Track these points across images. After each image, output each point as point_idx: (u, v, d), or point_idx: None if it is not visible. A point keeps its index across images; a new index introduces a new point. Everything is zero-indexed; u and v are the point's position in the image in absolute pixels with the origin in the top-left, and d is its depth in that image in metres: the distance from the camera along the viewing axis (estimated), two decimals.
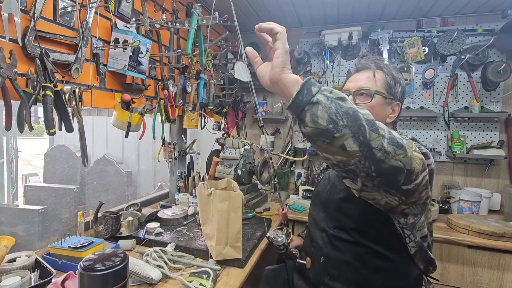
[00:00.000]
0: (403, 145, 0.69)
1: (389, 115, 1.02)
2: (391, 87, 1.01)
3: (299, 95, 0.69)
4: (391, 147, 0.67)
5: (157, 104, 1.52)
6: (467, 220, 1.67)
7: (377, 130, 0.67)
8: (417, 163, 0.72)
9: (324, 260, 1.03)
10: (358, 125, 0.66)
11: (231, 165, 1.88)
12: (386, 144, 0.67)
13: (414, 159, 0.71)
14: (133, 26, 1.36)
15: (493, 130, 2.11)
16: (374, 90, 0.98)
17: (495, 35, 2.01)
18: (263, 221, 1.63)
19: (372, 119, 0.69)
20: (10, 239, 0.93)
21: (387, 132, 0.69)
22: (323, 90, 0.69)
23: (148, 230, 1.38)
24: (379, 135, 0.67)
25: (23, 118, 0.92)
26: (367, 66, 1.04)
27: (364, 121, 0.66)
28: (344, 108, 0.67)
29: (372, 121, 0.68)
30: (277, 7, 2.13)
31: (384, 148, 0.66)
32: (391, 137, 0.68)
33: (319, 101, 0.67)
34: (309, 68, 2.44)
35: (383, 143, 0.66)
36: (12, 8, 0.89)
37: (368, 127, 0.66)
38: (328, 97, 0.68)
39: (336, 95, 0.69)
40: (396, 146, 0.68)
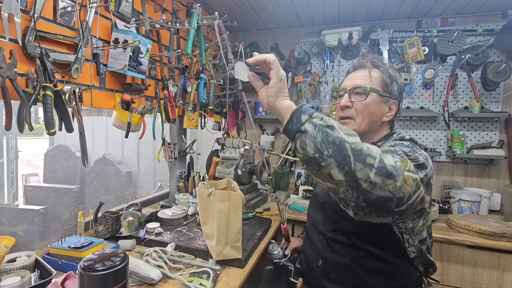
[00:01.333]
0: (394, 174, 0.68)
1: (386, 114, 1.01)
2: (388, 85, 1.00)
3: (289, 124, 0.73)
4: (378, 177, 0.67)
5: (157, 104, 1.52)
6: (467, 220, 1.67)
7: (364, 160, 0.67)
8: (409, 185, 0.70)
9: (323, 263, 1.02)
10: (343, 155, 0.67)
11: (231, 165, 1.88)
12: (373, 175, 0.66)
13: (406, 183, 0.69)
14: (133, 26, 1.36)
15: (493, 130, 2.11)
16: (369, 88, 0.98)
17: (495, 35, 2.01)
18: (263, 221, 1.63)
19: (360, 148, 0.68)
20: (10, 239, 0.93)
21: (378, 161, 0.68)
22: (313, 118, 0.71)
23: (148, 230, 1.38)
24: (365, 166, 0.67)
25: (23, 118, 0.92)
26: (364, 65, 1.04)
27: (349, 151, 0.67)
28: (331, 137, 0.69)
29: (359, 150, 0.68)
30: (277, 7, 2.13)
31: (370, 179, 0.66)
32: (381, 166, 0.67)
33: (306, 130, 0.70)
34: (309, 68, 2.44)
35: (370, 173, 0.66)
36: (12, 8, 0.89)
37: (354, 157, 0.67)
38: (316, 126, 0.70)
39: (325, 123, 0.70)
40: (385, 176, 0.67)
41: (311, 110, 0.74)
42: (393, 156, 0.73)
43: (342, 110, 1.02)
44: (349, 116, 1.00)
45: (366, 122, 0.99)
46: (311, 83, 2.41)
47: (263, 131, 2.64)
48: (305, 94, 2.47)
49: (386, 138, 1.02)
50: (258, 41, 2.64)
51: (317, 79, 2.39)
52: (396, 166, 0.69)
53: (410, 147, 0.84)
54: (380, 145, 0.96)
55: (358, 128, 0.99)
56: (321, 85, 2.46)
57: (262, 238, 1.45)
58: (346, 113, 1.01)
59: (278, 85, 0.77)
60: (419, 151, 0.84)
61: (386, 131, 1.05)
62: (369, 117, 0.99)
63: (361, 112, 0.99)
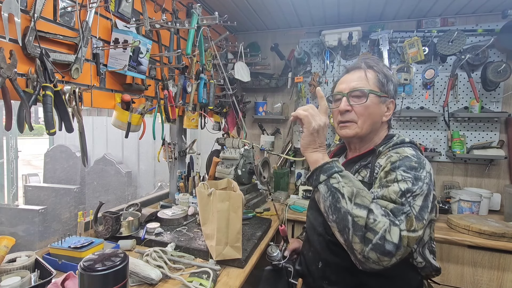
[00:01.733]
0: (392, 252, 0.71)
1: (385, 114, 1.01)
2: (384, 85, 0.99)
3: (309, 178, 0.86)
4: (374, 254, 0.72)
5: (157, 104, 1.52)
6: (467, 220, 1.67)
7: (362, 235, 0.73)
8: (410, 247, 0.75)
9: (323, 265, 1.01)
10: (344, 225, 0.76)
11: (231, 165, 1.88)
12: (368, 250, 0.72)
13: (407, 246, 0.73)
14: (133, 26, 1.36)
15: (493, 130, 2.11)
16: (368, 90, 0.97)
17: (495, 35, 2.01)
18: (263, 221, 1.63)
19: (362, 224, 0.73)
20: (10, 239, 0.93)
21: (378, 237, 0.72)
22: (332, 178, 0.80)
23: (148, 230, 1.38)
24: (361, 242, 0.73)
25: (23, 118, 0.92)
26: (358, 66, 1.03)
27: (350, 224, 0.75)
28: (338, 205, 0.77)
29: (360, 226, 0.73)
30: (277, 7, 2.13)
31: (364, 254, 0.73)
32: (379, 244, 0.71)
33: (320, 191, 0.82)
34: (309, 68, 2.44)
35: (365, 249, 0.72)
36: (12, 8, 0.89)
37: (353, 230, 0.74)
38: (330, 189, 0.80)
39: (339, 188, 0.79)
40: (381, 254, 0.72)
41: (332, 170, 0.81)
42: (399, 219, 0.75)
43: (342, 114, 1.00)
44: (349, 120, 0.99)
45: (367, 124, 0.98)
46: (311, 83, 2.41)
47: (263, 131, 2.64)
48: (305, 94, 2.47)
49: (386, 140, 1.00)
50: (258, 41, 2.64)
51: (317, 79, 2.39)
52: (398, 244, 0.72)
53: (414, 169, 0.83)
54: (381, 150, 0.96)
55: (360, 130, 0.98)
56: (321, 85, 2.46)
57: (262, 238, 1.45)
58: (347, 117, 1.00)
59: (308, 138, 0.86)
60: (422, 170, 0.83)
61: (385, 131, 1.05)
62: (370, 119, 0.98)
63: (362, 115, 0.97)
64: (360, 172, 0.97)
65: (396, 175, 0.83)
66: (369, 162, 0.97)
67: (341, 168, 0.83)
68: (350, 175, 0.83)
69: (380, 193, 0.82)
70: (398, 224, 0.74)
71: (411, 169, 0.83)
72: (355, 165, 1.01)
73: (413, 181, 0.81)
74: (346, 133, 1.01)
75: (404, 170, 0.83)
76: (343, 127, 1.01)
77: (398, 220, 0.75)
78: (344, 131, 1.01)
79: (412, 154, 0.88)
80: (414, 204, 0.78)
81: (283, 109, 2.58)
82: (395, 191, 0.80)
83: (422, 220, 0.77)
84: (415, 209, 0.78)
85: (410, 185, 0.80)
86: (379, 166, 0.91)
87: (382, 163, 0.91)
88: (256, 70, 2.46)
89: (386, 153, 0.93)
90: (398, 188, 0.80)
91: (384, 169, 0.87)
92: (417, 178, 0.82)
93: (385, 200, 0.80)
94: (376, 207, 0.77)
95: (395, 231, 0.73)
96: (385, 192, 0.81)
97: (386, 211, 0.77)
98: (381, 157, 0.94)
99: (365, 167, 0.97)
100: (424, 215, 0.78)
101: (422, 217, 0.78)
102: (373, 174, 0.92)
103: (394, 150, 0.92)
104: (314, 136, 0.84)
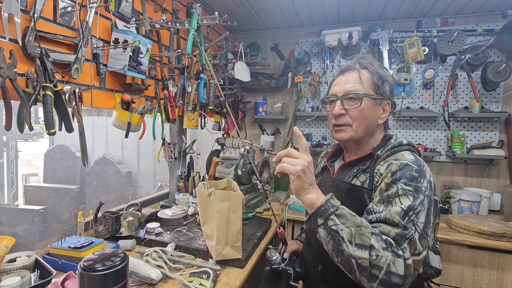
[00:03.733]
0: (399, 284, 0.72)
1: (380, 116, 0.99)
2: (379, 87, 0.96)
3: (307, 222, 0.85)
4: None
5: (157, 104, 1.52)
6: (467, 220, 1.67)
7: (368, 276, 0.74)
8: (417, 270, 0.76)
9: (322, 268, 1.01)
10: (349, 267, 0.77)
11: (231, 165, 1.88)
12: (376, 286, 0.73)
13: (414, 271, 0.75)
14: (133, 26, 1.36)
15: (493, 130, 2.11)
16: (362, 94, 0.94)
17: (495, 35, 2.01)
18: (263, 221, 1.63)
19: (366, 265, 0.73)
20: (10, 239, 0.93)
21: (383, 273, 0.72)
22: (329, 220, 0.79)
23: (148, 230, 1.38)
24: (368, 281, 0.74)
25: (23, 118, 0.92)
26: (352, 67, 1.00)
27: (355, 266, 0.75)
28: (340, 247, 0.77)
29: (365, 267, 0.74)
30: (277, 7, 2.13)
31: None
32: (385, 279, 0.72)
33: (320, 234, 0.82)
34: (309, 68, 2.44)
35: (373, 285, 0.73)
36: (12, 8, 0.89)
37: (359, 272, 0.75)
38: (329, 232, 0.79)
39: (338, 231, 0.78)
40: (390, 287, 0.73)
41: (329, 212, 0.80)
42: (402, 248, 0.75)
43: (336, 118, 0.99)
44: (344, 123, 0.97)
45: (362, 128, 0.96)
46: (311, 83, 2.41)
47: (263, 131, 2.64)
48: (305, 94, 2.47)
49: (383, 143, 0.99)
50: (258, 41, 2.64)
51: (317, 79, 2.39)
52: (404, 274, 0.73)
53: (415, 180, 0.82)
54: (380, 154, 0.94)
55: (355, 134, 0.97)
56: (321, 85, 2.46)
57: (262, 238, 1.45)
58: (341, 121, 0.98)
59: (296, 182, 0.83)
60: (423, 180, 0.83)
61: (381, 133, 1.03)
62: (365, 122, 0.96)
63: (357, 119, 0.95)
64: (359, 177, 0.96)
65: (397, 189, 0.82)
66: (367, 166, 0.95)
67: (336, 206, 0.81)
68: (345, 212, 0.81)
69: (382, 215, 0.81)
70: (402, 254, 0.74)
71: (412, 180, 0.82)
72: (353, 169, 1.00)
73: (414, 195, 0.80)
74: (341, 137, 0.99)
75: (405, 183, 0.82)
76: (338, 130, 1.00)
77: (402, 249, 0.75)
78: (339, 134, 1.00)
79: (412, 160, 0.86)
80: (418, 222, 0.78)
81: (283, 109, 2.58)
82: (398, 212, 0.78)
83: (426, 238, 0.77)
84: (419, 227, 0.77)
85: (411, 200, 0.79)
86: (379, 174, 0.89)
87: (382, 171, 0.89)
88: (256, 70, 2.46)
89: (385, 159, 0.92)
90: (399, 208, 0.79)
91: (384, 180, 0.86)
92: (418, 190, 0.81)
93: (388, 225, 0.79)
94: (376, 240, 0.75)
95: (400, 263, 0.73)
96: (387, 215, 0.80)
97: (388, 241, 0.76)
98: (381, 163, 0.92)
99: (364, 171, 0.96)
100: (428, 231, 0.78)
101: (426, 234, 0.78)
102: (373, 181, 0.91)
103: (394, 156, 0.90)
104: (302, 178, 0.82)
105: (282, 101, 2.59)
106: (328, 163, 1.14)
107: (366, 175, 0.94)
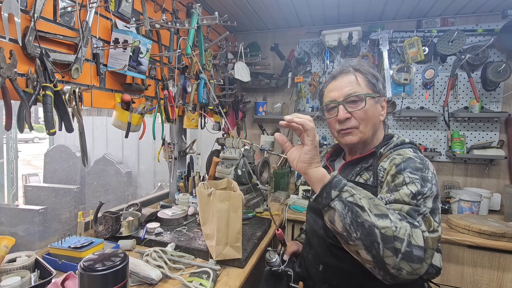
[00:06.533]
0: (421, 257, 0.68)
1: (381, 113, 1.00)
2: (375, 85, 0.97)
3: (318, 197, 0.77)
4: (406, 264, 0.67)
5: (157, 104, 1.52)
6: (467, 220, 1.67)
7: (393, 247, 0.68)
8: (433, 248, 0.71)
9: (323, 268, 1.00)
10: (371, 241, 0.69)
11: (231, 165, 1.88)
12: (399, 261, 0.67)
13: (432, 249, 0.71)
14: (133, 26, 1.36)
15: (493, 130, 2.11)
16: (364, 94, 0.94)
17: (495, 35, 2.01)
18: (263, 221, 1.63)
19: (391, 235, 0.68)
20: (10, 239, 0.93)
21: (405, 245, 0.68)
22: (344, 192, 0.73)
23: (148, 230, 1.38)
24: (393, 254, 0.67)
25: (23, 118, 0.92)
26: (345, 71, 1.00)
27: (379, 238, 0.68)
28: (361, 219, 0.70)
29: (389, 237, 0.68)
30: (277, 7, 2.13)
31: (398, 266, 0.68)
32: (408, 251, 0.67)
33: (335, 208, 0.73)
34: (309, 68, 2.44)
35: (397, 260, 0.67)
36: (12, 8, 0.89)
37: (383, 244, 0.68)
38: (346, 205, 0.72)
39: (355, 201, 0.72)
40: (412, 262, 0.68)
41: (342, 183, 0.75)
42: (418, 221, 0.73)
43: (342, 122, 0.96)
44: (351, 126, 0.96)
45: (369, 128, 0.96)
46: (311, 83, 2.41)
47: (263, 131, 2.64)
48: (305, 94, 2.47)
49: (385, 141, 0.99)
50: (258, 41, 2.64)
51: (317, 79, 2.39)
52: (425, 246, 0.69)
53: (420, 170, 0.81)
54: (382, 152, 0.95)
55: (364, 135, 0.95)
56: (321, 85, 2.45)
57: (262, 238, 1.45)
58: (348, 125, 0.96)
59: (312, 152, 0.77)
60: (427, 171, 0.82)
61: (382, 131, 1.03)
62: (371, 122, 0.96)
63: (363, 120, 0.95)
64: (362, 175, 0.96)
65: (404, 178, 0.81)
66: (370, 164, 0.95)
67: (345, 180, 0.79)
68: (355, 186, 0.79)
69: (391, 197, 0.81)
70: (419, 226, 0.72)
71: (417, 170, 0.82)
72: (356, 167, 0.99)
73: (422, 183, 0.79)
74: (351, 140, 0.97)
75: (410, 172, 0.82)
76: (346, 134, 0.97)
77: (418, 221, 0.73)
78: (348, 137, 0.97)
79: (414, 155, 0.87)
80: (426, 206, 0.77)
81: (283, 109, 2.58)
82: (407, 194, 0.78)
83: (439, 223, 0.77)
84: (427, 210, 0.77)
85: (419, 187, 0.79)
86: (383, 170, 0.89)
87: (386, 166, 0.89)
88: (256, 70, 2.46)
89: (388, 156, 0.92)
90: (408, 190, 0.78)
91: (389, 173, 0.86)
92: (425, 179, 0.80)
93: (399, 203, 0.78)
94: (391, 213, 0.73)
95: (418, 233, 0.71)
96: (397, 196, 0.79)
97: (402, 214, 0.75)
98: (384, 160, 0.92)
99: (367, 169, 0.95)
100: (435, 217, 0.78)
101: (434, 219, 0.77)
102: (377, 177, 0.90)
103: (396, 152, 0.91)
104: (317, 149, 0.78)
105: (282, 101, 2.59)
106: (328, 163, 1.14)
107: (370, 173, 0.94)
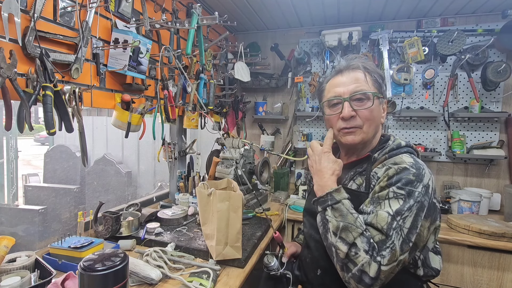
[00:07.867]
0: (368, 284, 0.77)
1: (382, 115, 0.97)
2: (381, 86, 0.94)
3: (313, 203, 0.95)
4: (353, 281, 0.80)
5: (157, 104, 1.52)
6: (467, 220, 1.67)
7: (343, 265, 0.82)
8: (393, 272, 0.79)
9: (322, 273, 0.99)
10: (330, 253, 0.86)
11: (231, 165, 1.88)
12: (348, 278, 0.81)
13: (382, 281, 0.77)
14: (133, 26, 1.36)
15: (493, 130, 2.11)
16: (373, 93, 0.90)
17: (495, 35, 2.01)
18: (263, 221, 1.63)
19: (343, 257, 0.81)
20: (10, 239, 0.93)
21: (356, 269, 0.78)
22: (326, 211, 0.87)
23: (148, 230, 1.38)
24: (342, 270, 0.82)
25: (23, 118, 0.92)
26: (353, 66, 0.95)
27: (334, 253, 0.84)
28: (327, 235, 0.87)
29: (341, 258, 0.81)
30: (277, 7, 2.13)
31: (345, 279, 0.83)
32: (357, 275, 0.78)
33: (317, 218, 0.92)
34: (309, 68, 2.44)
35: (346, 276, 0.81)
36: (12, 8, 0.89)
37: (336, 259, 0.84)
38: (322, 220, 0.89)
39: (329, 221, 0.86)
40: (360, 283, 0.79)
41: (326, 204, 0.88)
42: (381, 254, 0.77)
43: (345, 120, 0.92)
44: (355, 125, 0.92)
45: (372, 128, 0.93)
46: (311, 83, 2.41)
47: (263, 131, 2.64)
48: (305, 94, 2.47)
49: (381, 145, 0.96)
50: (258, 41, 2.64)
51: (317, 79, 2.39)
52: (375, 277, 0.76)
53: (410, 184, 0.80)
54: (377, 156, 0.92)
55: (366, 136, 0.93)
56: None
57: (262, 238, 1.45)
58: (352, 123, 0.92)
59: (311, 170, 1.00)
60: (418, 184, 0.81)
61: (379, 133, 1.00)
62: (375, 123, 0.93)
63: (368, 119, 0.91)
64: (355, 180, 0.94)
65: (389, 192, 0.82)
66: (364, 169, 0.93)
67: (336, 200, 0.86)
68: (343, 208, 0.84)
69: (369, 219, 0.82)
70: (379, 260, 0.76)
71: (407, 184, 0.81)
72: (350, 171, 0.98)
73: (405, 199, 0.79)
74: (352, 140, 0.93)
75: (398, 187, 0.81)
76: (348, 133, 0.93)
77: (380, 255, 0.76)
78: (350, 137, 0.93)
79: (411, 163, 0.84)
80: (404, 226, 0.78)
81: (283, 109, 2.58)
82: (384, 218, 0.79)
83: (408, 243, 0.78)
84: (404, 232, 0.78)
85: (401, 203, 0.79)
86: (377, 178, 0.88)
87: (379, 174, 0.88)
88: (256, 70, 2.46)
89: (383, 162, 0.90)
90: (386, 213, 0.79)
91: (380, 184, 0.85)
92: (410, 195, 0.80)
93: (374, 229, 0.81)
94: (362, 241, 0.78)
95: (374, 267, 0.76)
96: (373, 220, 0.81)
97: (372, 244, 0.78)
98: (378, 166, 0.90)
99: (361, 174, 0.94)
100: (412, 236, 0.78)
101: (409, 239, 0.78)
102: (369, 184, 0.89)
103: (392, 160, 0.88)
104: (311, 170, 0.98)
105: (282, 101, 2.59)
106: None
107: (363, 178, 0.92)
